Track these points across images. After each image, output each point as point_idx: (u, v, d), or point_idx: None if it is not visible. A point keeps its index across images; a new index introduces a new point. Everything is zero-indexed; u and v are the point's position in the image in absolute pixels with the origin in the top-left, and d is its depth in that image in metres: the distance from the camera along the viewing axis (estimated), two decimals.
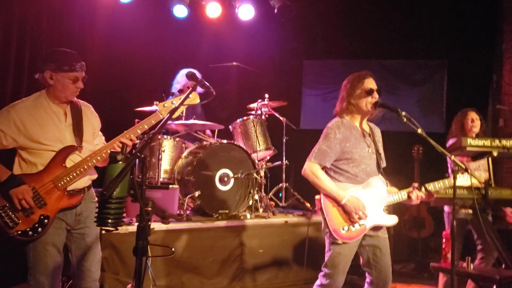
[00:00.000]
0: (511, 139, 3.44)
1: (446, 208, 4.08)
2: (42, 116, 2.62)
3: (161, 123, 2.10)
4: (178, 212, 4.35)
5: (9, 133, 2.56)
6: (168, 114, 2.11)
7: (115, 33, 5.88)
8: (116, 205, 1.96)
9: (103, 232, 3.22)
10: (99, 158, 2.60)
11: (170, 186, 4.22)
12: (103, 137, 2.94)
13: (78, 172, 2.58)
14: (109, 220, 1.95)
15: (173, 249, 2.85)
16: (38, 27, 5.11)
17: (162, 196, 4.18)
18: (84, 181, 2.70)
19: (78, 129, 2.67)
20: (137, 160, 1.97)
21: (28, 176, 2.56)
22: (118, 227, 2.02)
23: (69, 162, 2.62)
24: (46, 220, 2.56)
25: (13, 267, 3.59)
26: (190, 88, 2.31)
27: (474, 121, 4.03)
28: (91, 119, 2.83)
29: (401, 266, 5.58)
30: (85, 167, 2.59)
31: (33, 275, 2.60)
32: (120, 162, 1.96)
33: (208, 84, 2.41)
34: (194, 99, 2.59)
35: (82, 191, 2.70)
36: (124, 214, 2.08)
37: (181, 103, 2.18)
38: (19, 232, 2.52)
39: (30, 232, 2.53)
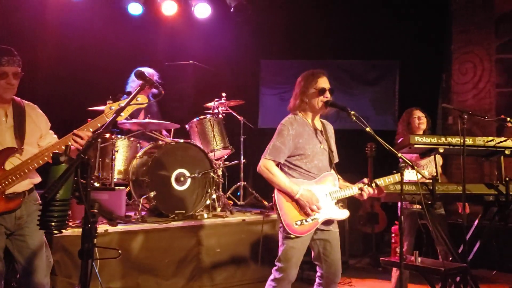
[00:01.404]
0: (457, 136, 3.61)
1: (399, 203, 4.21)
2: None
3: (106, 123, 2.06)
4: (126, 213, 4.27)
5: None
6: (114, 114, 2.08)
7: (68, 30, 5.70)
8: (59, 208, 1.91)
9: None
10: (40, 161, 2.51)
11: (117, 187, 4.13)
12: (55, 136, 2.83)
13: (17, 175, 2.49)
14: (53, 223, 1.90)
15: (119, 251, 2.80)
16: None
17: (109, 197, 4.08)
18: (25, 185, 2.61)
19: (19, 131, 2.58)
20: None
21: None
22: (63, 230, 1.97)
23: (8, 165, 2.52)
24: None
25: None
26: (138, 88, 2.27)
27: (420, 118, 4.17)
28: (37, 121, 2.73)
29: (356, 261, 5.71)
30: (26, 170, 2.50)
31: None
32: (63, 164, 1.92)
33: (157, 83, 2.38)
34: (142, 101, 2.55)
35: (22, 194, 2.60)
36: (71, 218, 2.03)
37: (128, 103, 2.15)
38: None
39: None
